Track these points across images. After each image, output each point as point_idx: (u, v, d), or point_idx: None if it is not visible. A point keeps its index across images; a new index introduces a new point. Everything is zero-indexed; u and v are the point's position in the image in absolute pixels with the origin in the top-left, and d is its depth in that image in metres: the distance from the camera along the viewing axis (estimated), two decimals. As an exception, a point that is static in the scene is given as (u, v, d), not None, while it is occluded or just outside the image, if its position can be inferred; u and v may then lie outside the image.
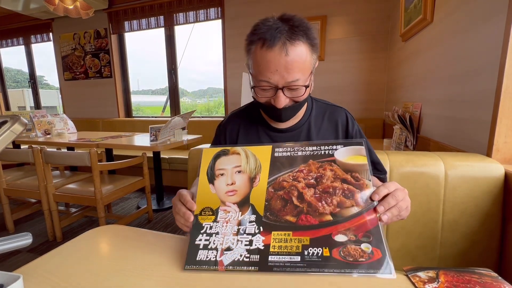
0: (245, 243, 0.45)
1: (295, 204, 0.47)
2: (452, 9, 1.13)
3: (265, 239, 0.44)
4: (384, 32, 2.40)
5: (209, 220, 0.48)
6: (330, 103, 0.75)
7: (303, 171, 0.50)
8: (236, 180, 0.51)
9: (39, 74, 4.34)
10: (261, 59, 0.55)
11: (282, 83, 0.56)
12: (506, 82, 0.76)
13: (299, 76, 0.55)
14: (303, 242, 0.43)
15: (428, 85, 1.39)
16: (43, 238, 1.82)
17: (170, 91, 3.45)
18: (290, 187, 0.49)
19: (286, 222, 0.46)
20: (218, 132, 0.77)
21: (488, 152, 0.83)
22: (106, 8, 3.29)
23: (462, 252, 0.77)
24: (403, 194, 0.47)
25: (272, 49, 0.53)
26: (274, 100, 0.59)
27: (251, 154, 0.53)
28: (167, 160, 2.72)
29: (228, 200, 0.50)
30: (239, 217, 0.48)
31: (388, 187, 0.47)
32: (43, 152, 1.62)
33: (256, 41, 0.55)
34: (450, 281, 0.40)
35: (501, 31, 0.78)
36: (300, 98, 0.59)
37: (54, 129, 2.44)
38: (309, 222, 0.45)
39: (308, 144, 0.53)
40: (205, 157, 0.55)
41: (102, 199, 1.61)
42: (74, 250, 0.51)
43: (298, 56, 0.54)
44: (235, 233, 0.46)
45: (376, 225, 0.43)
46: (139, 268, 0.45)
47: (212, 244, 0.45)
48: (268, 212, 0.47)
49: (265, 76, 0.56)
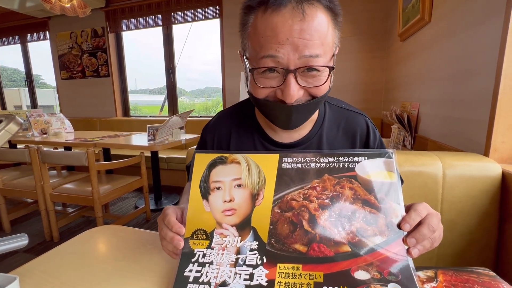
0: (244, 278, 0.37)
1: (305, 230, 0.39)
2: (450, 9, 1.14)
3: (269, 273, 0.37)
4: (382, 31, 2.41)
5: (202, 246, 0.40)
6: (348, 107, 0.58)
7: (316, 188, 0.41)
8: (235, 196, 0.42)
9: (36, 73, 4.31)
10: (264, 27, 0.39)
11: (295, 61, 0.39)
12: (504, 82, 0.76)
13: (319, 51, 0.39)
14: (315, 279, 0.35)
15: (426, 85, 1.40)
16: (40, 238, 1.81)
17: (168, 90, 3.44)
18: (300, 208, 0.40)
19: (295, 252, 0.37)
20: (204, 135, 0.61)
21: (486, 151, 0.83)
22: (103, 6, 3.26)
23: (460, 251, 0.78)
24: (437, 221, 0.37)
25: (281, 11, 0.38)
26: (282, 90, 0.42)
27: (254, 165, 0.43)
28: (165, 160, 2.71)
29: (225, 221, 0.41)
30: (238, 244, 0.39)
31: (420, 212, 0.37)
32: (39, 152, 1.60)
33: (256, 7, 0.40)
34: (448, 280, 0.40)
35: (498, 31, 0.78)
36: (319, 89, 0.43)
37: (51, 128, 2.43)
38: (323, 253, 0.37)
39: (324, 154, 0.42)
40: (198, 164, 0.44)
41: (100, 199, 1.60)
42: (71, 250, 0.50)
43: (318, 23, 0.38)
44: (232, 264, 0.38)
45: (405, 260, 0.35)
46: (137, 268, 0.44)
47: (205, 277, 0.37)
48: (273, 239, 0.39)
49: (270, 48, 0.39)
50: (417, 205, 0.38)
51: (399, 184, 0.39)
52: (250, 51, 0.43)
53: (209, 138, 0.60)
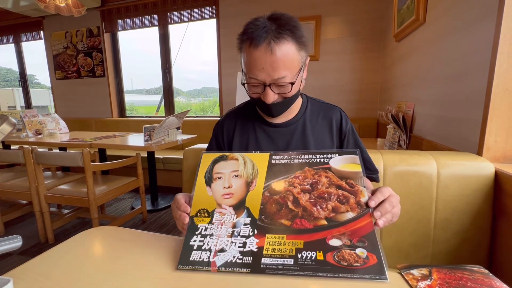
0: (238, 245, 0.45)
1: (290, 208, 0.47)
2: (444, 10, 1.15)
3: (259, 241, 0.45)
4: (378, 32, 2.43)
5: (205, 222, 0.49)
6: (325, 102, 0.76)
7: (299, 177, 0.51)
8: (233, 183, 0.52)
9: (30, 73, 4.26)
10: (249, 58, 0.58)
11: (269, 80, 0.58)
12: (496, 82, 0.78)
13: (285, 74, 0.57)
14: (297, 246, 0.43)
15: (421, 85, 1.41)
16: (35, 240, 1.79)
17: (164, 90, 3.42)
18: (286, 192, 0.49)
19: (281, 225, 0.46)
20: (216, 130, 0.79)
21: (479, 151, 0.84)
22: (98, 6, 3.24)
23: (454, 249, 0.79)
24: (396, 200, 0.49)
25: (258, 48, 0.56)
26: (263, 96, 0.61)
27: (249, 160, 0.54)
28: (162, 160, 2.70)
29: (224, 203, 0.50)
30: (234, 220, 0.48)
31: (383, 193, 0.48)
32: (34, 153, 1.59)
33: (245, 41, 0.58)
34: (442, 278, 0.41)
35: (491, 32, 0.79)
36: (288, 94, 0.61)
37: (45, 129, 2.40)
38: (304, 226, 0.45)
39: (304, 152, 0.54)
40: (204, 161, 0.56)
41: (95, 200, 1.59)
42: (66, 252, 0.50)
43: (284, 55, 0.56)
44: (229, 235, 0.46)
45: (372, 231, 0.43)
46: (133, 269, 0.44)
47: (206, 245, 0.46)
48: (263, 215, 0.48)
49: (253, 73, 0.58)
50: (381, 188, 0.49)
51: (363, 173, 0.49)
52: (243, 67, 0.62)
53: (219, 132, 0.78)
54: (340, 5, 2.48)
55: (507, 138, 0.81)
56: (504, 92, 0.78)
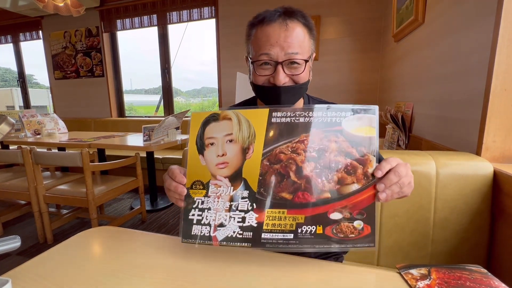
0: (237, 220, 0.44)
1: (292, 180, 0.43)
2: (443, 10, 1.15)
3: (258, 216, 0.43)
4: (377, 32, 2.43)
5: (200, 195, 0.46)
6: (326, 101, 0.74)
7: (304, 141, 0.44)
8: (227, 150, 0.46)
9: (29, 73, 4.25)
10: (261, 35, 0.57)
11: (282, 56, 0.56)
12: (495, 82, 0.78)
13: (298, 49, 0.56)
14: (297, 221, 0.42)
15: (420, 85, 1.42)
16: (34, 241, 1.78)
17: (163, 90, 3.42)
18: (288, 160, 0.43)
19: (281, 199, 0.43)
20: None
21: (478, 150, 0.85)
22: (97, 6, 3.23)
23: (453, 249, 0.79)
24: (405, 169, 0.45)
25: (272, 24, 0.56)
26: (274, 77, 0.57)
27: (244, 120, 0.46)
28: (161, 160, 2.69)
29: (219, 174, 0.46)
30: (231, 193, 0.45)
31: (390, 162, 0.44)
32: (32, 153, 1.58)
33: (257, 23, 0.58)
34: (441, 278, 0.41)
35: (490, 32, 0.80)
36: (299, 76, 0.58)
37: (44, 129, 2.39)
38: (306, 199, 0.42)
39: (313, 108, 0.45)
40: (193, 123, 0.48)
41: (94, 200, 1.58)
42: (65, 252, 0.50)
43: (297, 32, 0.56)
44: (227, 209, 0.45)
45: (372, 203, 0.42)
46: (132, 270, 0.44)
47: (205, 220, 0.45)
48: (262, 188, 0.44)
49: (265, 48, 0.56)
50: (389, 158, 0.46)
51: (377, 138, 0.44)
52: (252, 52, 0.60)
53: None
54: (339, 6, 2.49)
55: (505, 138, 0.81)
56: (503, 92, 0.78)
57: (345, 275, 0.42)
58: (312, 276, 0.42)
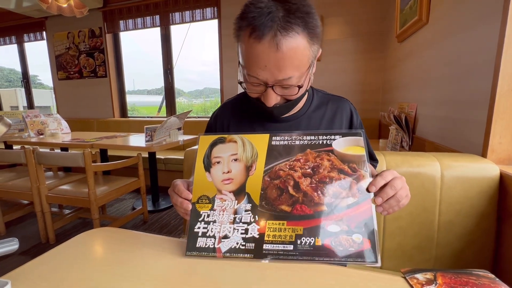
0: (241, 232, 0.46)
1: (290, 194, 0.47)
2: (447, 10, 1.14)
3: (260, 228, 0.46)
4: (380, 33, 2.42)
5: (206, 208, 0.49)
6: (331, 94, 0.71)
7: (300, 160, 0.49)
8: (232, 168, 0.51)
9: (33, 74, 4.28)
10: (249, 52, 0.48)
11: (272, 81, 0.50)
12: (501, 82, 0.77)
13: (292, 74, 0.49)
14: (296, 232, 0.44)
15: (424, 86, 1.40)
16: (36, 241, 1.79)
17: (166, 91, 3.42)
18: (287, 176, 0.48)
19: (281, 211, 0.46)
20: (210, 122, 0.74)
21: (483, 152, 0.83)
22: (101, 7, 3.25)
23: (458, 252, 0.78)
24: (401, 182, 0.46)
25: (261, 42, 0.46)
26: (263, 97, 0.53)
27: (248, 142, 0.52)
28: (163, 161, 2.70)
29: (224, 189, 0.50)
30: (235, 206, 0.48)
31: (385, 177, 0.45)
32: (35, 153, 1.59)
33: (244, 28, 0.48)
34: (448, 283, 0.40)
35: (496, 32, 0.78)
36: (292, 97, 0.54)
37: (47, 129, 2.41)
38: (304, 212, 0.46)
39: (306, 133, 0.52)
40: (201, 144, 0.54)
41: (96, 201, 1.58)
42: (65, 254, 0.49)
43: (292, 51, 0.46)
44: (231, 222, 0.47)
45: (370, 216, 0.44)
46: (133, 272, 0.44)
47: (210, 232, 0.47)
48: (263, 201, 0.48)
49: (253, 71, 0.50)
50: (383, 172, 0.46)
51: (367, 156, 0.48)
52: (241, 60, 0.53)
53: (213, 125, 0.73)
54: (342, 6, 2.47)
55: (512, 139, 0.80)
56: (510, 93, 0.77)
57: (348, 280, 0.41)
58: (315, 280, 0.41)
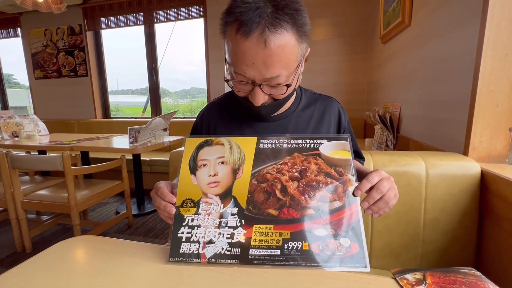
0: (226, 236, 0.44)
1: (278, 197, 0.46)
2: (429, 13, 1.17)
3: (247, 232, 0.44)
4: (365, 34, 2.47)
5: (191, 212, 0.47)
6: (319, 93, 0.70)
7: (287, 163, 0.49)
8: (219, 171, 0.49)
9: (7, 72, 4.04)
10: (236, 49, 0.47)
11: (260, 79, 0.48)
12: (481, 83, 0.79)
13: (280, 72, 0.47)
14: (283, 236, 0.43)
15: (407, 86, 1.44)
16: (11, 250, 1.68)
17: (150, 91, 3.34)
18: (274, 180, 0.47)
19: (268, 215, 0.45)
20: (196, 122, 0.72)
21: (465, 151, 0.86)
22: (80, 3, 3.12)
23: (442, 249, 0.79)
24: (388, 183, 0.46)
25: (248, 38, 0.44)
26: (251, 96, 0.52)
27: (236, 145, 0.51)
28: (148, 163, 2.62)
29: (210, 192, 0.48)
30: (221, 210, 0.47)
31: (371, 180, 0.45)
32: (9, 156, 1.49)
33: (231, 23, 0.47)
34: (437, 282, 0.40)
35: (475, 34, 0.81)
36: (280, 96, 0.53)
37: (23, 131, 2.28)
38: (291, 215, 0.45)
39: (294, 137, 0.51)
40: (188, 146, 0.52)
41: (77, 206, 1.51)
42: (40, 265, 0.46)
43: (280, 48, 0.45)
44: (216, 226, 0.46)
45: (357, 220, 0.44)
46: (114, 281, 0.41)
47: (194, 237, 0.45)
48: (250, 205, 0.47)
49: (240, 69, 0.48)
50: (370, 174, 0.46)
51: (353, 160, 0.48)
52: (228, 56, 0.51)
53: (199, 125, 0.71)
54: (327, 7, 2.51)
55: (491, 138, 0.83)
56: (489, 93, 0.79)
57: (337, 282, 0.40)
58: (304, 285, 0.40)
